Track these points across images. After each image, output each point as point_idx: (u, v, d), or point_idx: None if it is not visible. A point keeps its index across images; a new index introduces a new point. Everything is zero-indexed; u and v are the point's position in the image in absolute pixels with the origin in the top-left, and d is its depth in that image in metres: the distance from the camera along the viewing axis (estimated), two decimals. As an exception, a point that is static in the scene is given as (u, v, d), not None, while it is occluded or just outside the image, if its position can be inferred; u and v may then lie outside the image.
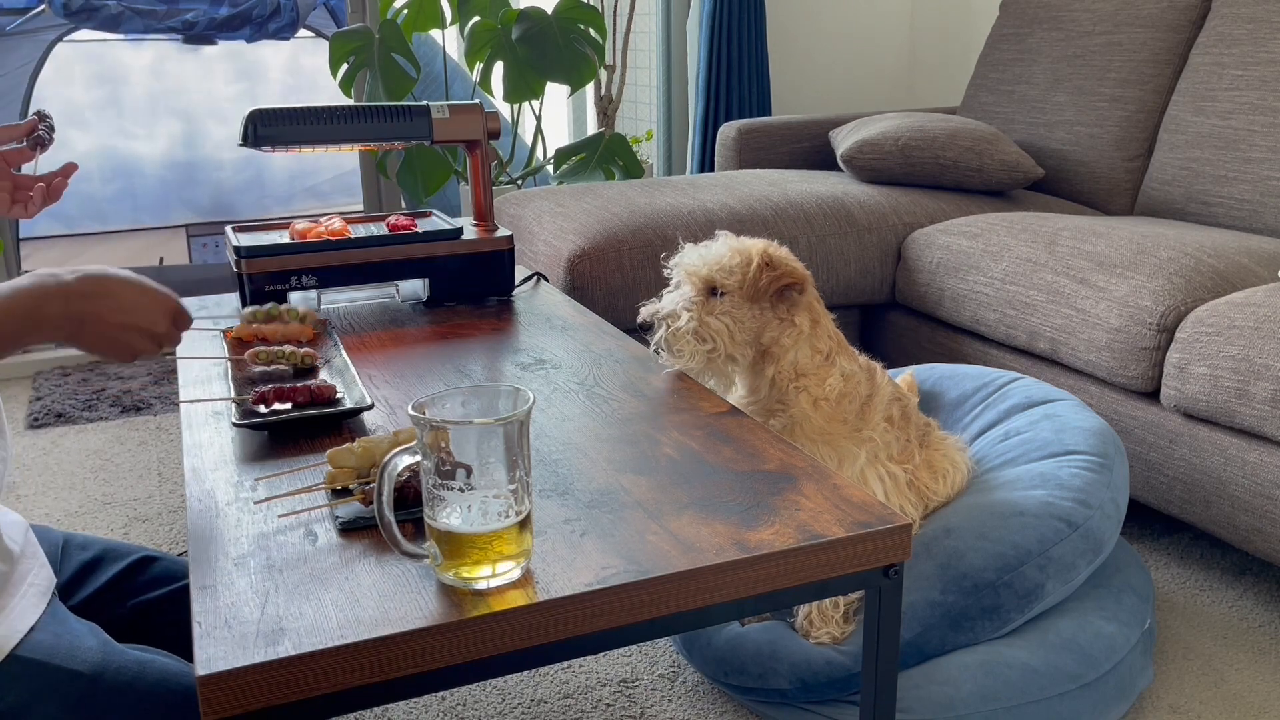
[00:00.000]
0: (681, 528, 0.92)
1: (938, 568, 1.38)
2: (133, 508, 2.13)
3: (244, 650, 0.76)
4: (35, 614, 0.97)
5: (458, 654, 0.80)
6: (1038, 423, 1.62)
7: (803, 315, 1.39)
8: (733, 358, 1.37)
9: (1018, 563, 1.38)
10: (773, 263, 1.36)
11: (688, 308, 1.36)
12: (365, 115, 1.58)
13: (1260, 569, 1.85)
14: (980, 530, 1.41)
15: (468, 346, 1.43)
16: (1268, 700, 1.50)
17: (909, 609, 1.37)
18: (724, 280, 1.36)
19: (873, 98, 3.86)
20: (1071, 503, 1.44)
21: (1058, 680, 1.36)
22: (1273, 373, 1.58)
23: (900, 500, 1.44)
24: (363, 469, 0.98)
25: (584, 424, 1.16)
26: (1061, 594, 1.43)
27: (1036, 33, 2.80)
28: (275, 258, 1.54)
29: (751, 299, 1.36)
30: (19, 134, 1.21)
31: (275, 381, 1.27)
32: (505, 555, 0.83)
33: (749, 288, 1.35)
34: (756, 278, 1.34)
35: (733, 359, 1.37)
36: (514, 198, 2.53)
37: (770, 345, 1.39)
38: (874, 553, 0.93)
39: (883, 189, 2.52)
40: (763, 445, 1.09)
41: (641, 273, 2.16)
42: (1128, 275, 1.87)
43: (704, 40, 3.46)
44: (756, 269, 1.35)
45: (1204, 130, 2.37)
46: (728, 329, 1.35)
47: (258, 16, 3.94)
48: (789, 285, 1.36)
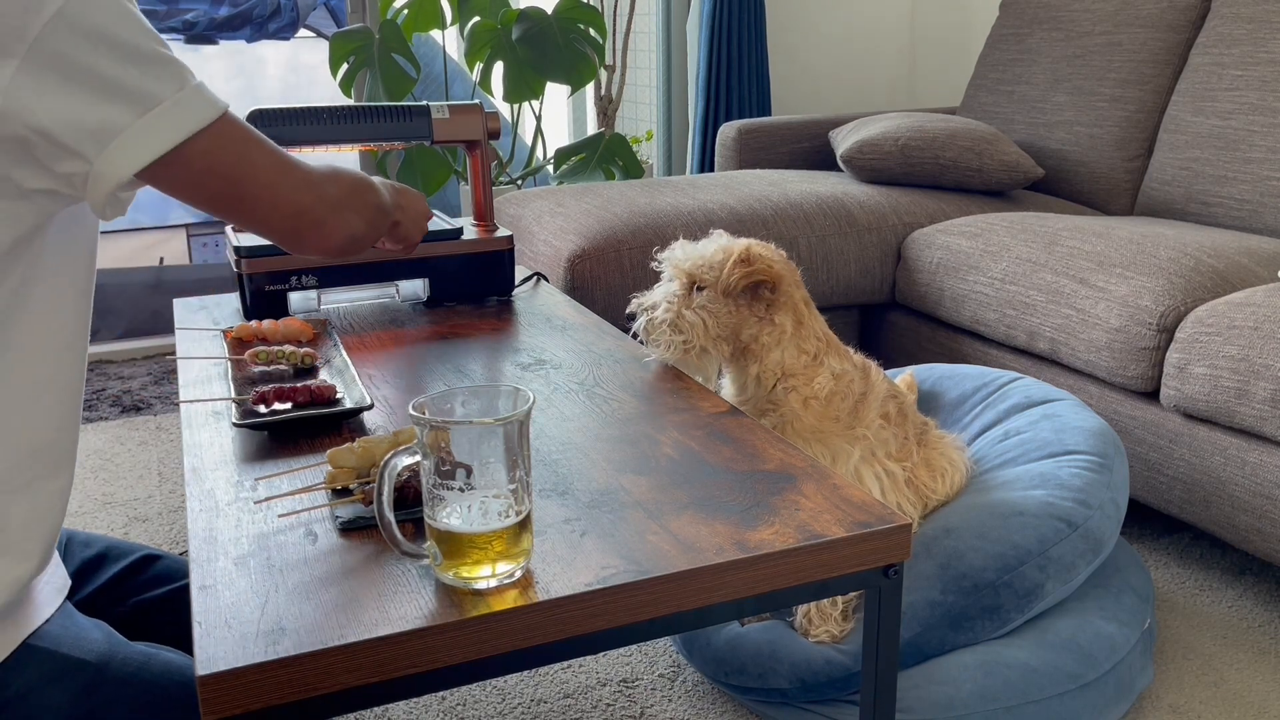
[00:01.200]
0: (681, 528, 0.92)
1: (938, 568, 1.39)
2: (133, 508, 2.13)
3: (244, 650, 0.76)
4: (50, 609, 0.98)
5: (458, 654, 0.80)
6: (1037, 423, 1.62)
7: (784, 315, 1.40)
8: (706, 350, 1.39)
9: (1018, 563, 1.38)
10: (748, 259, 1.37)
11: (669, 300, 1.39)
12: (365, 115, 1.58)
13: (1260, 569, 1.85)
14: (980, 530, 1.41)
15: (468, 346, 1.43)
16: (1268, 700, 1.50)
17: (909, 609, 1.37)
18: (704, 275, 1.39)
19: (873, 98, 3.86)
20: (1071, 503, 1.44)
21: (1058, 680, 1.36)
22: (1272, 373, 1.58)
23: (898, 498, 1.44)
24: (363, 469, 0.98)
25: (584, 424, 1.16)
26: (1061, 594, 1.43)
27: (1036, 33, 2.80)
28: (275, 257, 1.54)
29: (725, 294, 1.37)
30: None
31: (275, 381, 1.27)
32: (505, 555, 0.83)
33: (722, 282, 1.37)
34: (729, 273, 1.36)
35: (706, 351, 1.39)
36: (514, 198, 2.53)
37: (750, 343, 1.40)
38: (874, 553, 0.93)
39: (883, 189, 2.52)
40: (763, 445, 1.09)
41: (641, 273, 2.16)
42: (1128, 275, 1.87)
43: (704, 40, 3.47)
44: (731, 265, 1.36)
45: (1204, 130, 2.37)
46: (703, 322, 1.38)
47: (258, 16, 3.94)
48: (760, 283, 1.37)
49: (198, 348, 1.42)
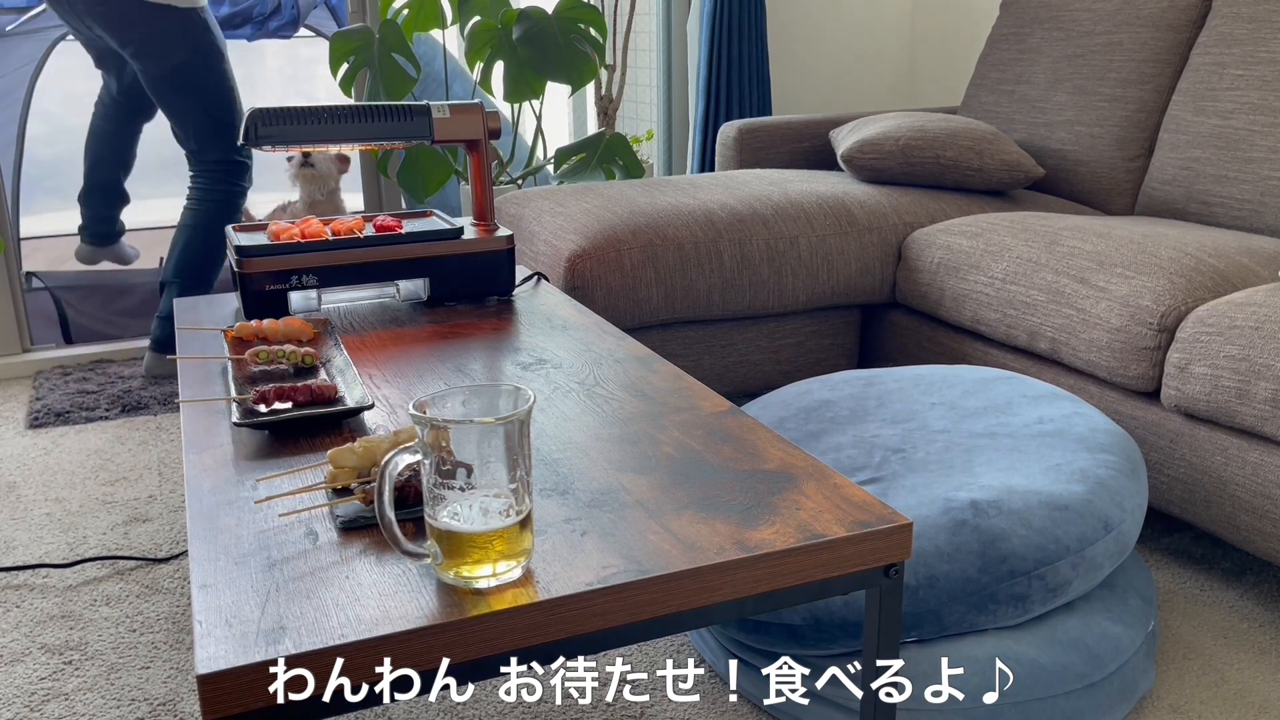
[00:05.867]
0: (682, 527, 0.92)
1: (981, 544, 1.38)
2: (133, 508, 2.13)
3: (244, 650, 0.76)
4: None
5: (458, 654, 0.80)
6: (1069, 416, 1.62)
7: None
8: None
9: (1056, 557, 1.39)
10: None
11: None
12: (365, 115, 1.58)
13: (1261, 569, 1.85)
14: (1027, 518, 1.41)
15: (468, 346, 1.43)
16: (1268, 700, 1.50)
17: (944, 576, 1.36)
18: None
19: (873, 98, 3.86)
20: (1109, 504, 1.45)
21: (1064, 679, 1.36)
22: (1273, 372, 1.58)
23: None
24: (363, 468, 0.98)
25: (584, 423, 1.16)
26: (1079, 593, 1.43)
27: (1037, 32, 2.80)
28: (275, 257, 1.54)
29: None
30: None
31: (275, 381, 1.27)
32: (506, 554, 0.83)
33: None
34: None
35: None
36: (514, 198, 2.53)
37: None
38: (875, 552, 0.93)
39: (883, 189, 2.52)
40: (763, 445, 1.09)
41: (641, 273, 2.16)
42: (1128, 275, 1.87)
43: (704, 40, 3.46)
44: None
45: (1204, 130, 2.37)
46: None
47: (258, 15, 3.94)
48: None
49: (198, 348, 1.42)
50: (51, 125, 4.32)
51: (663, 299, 2.19)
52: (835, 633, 1.37)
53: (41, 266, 3.75)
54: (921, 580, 1.35)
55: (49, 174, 4.40)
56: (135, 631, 1.67)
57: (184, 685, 1.54)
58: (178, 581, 1.82)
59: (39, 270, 3.62)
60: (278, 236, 1.62)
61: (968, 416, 1.68)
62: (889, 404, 1.72)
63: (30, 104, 3.92)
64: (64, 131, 4.27)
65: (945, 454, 1.56)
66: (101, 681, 1.55)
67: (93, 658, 1.61)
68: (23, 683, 1.55)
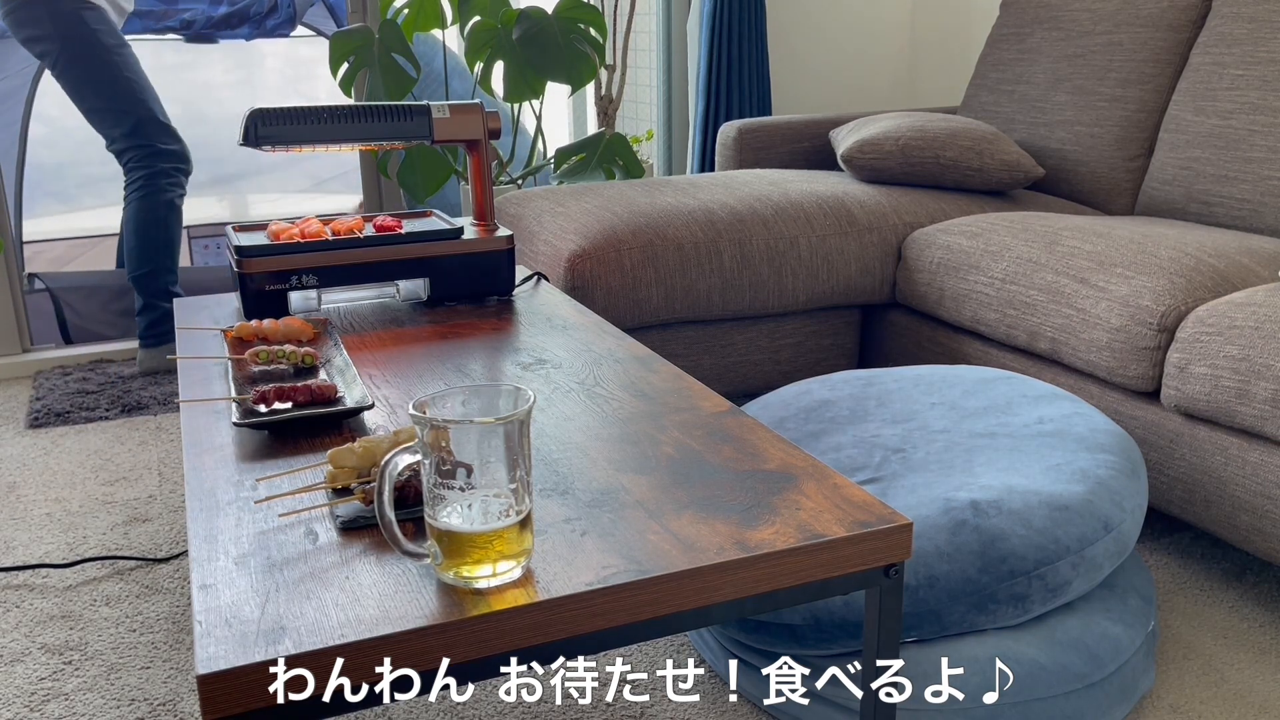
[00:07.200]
0: (682, 527, 0.92)
1: (981, 544, 1.38)
2: (133, 508, 2.13)
3: (244, 650, 0.76)
4: None
5: (458, 654, 0.80)
6: (1069, 416, 1.62)
7: None
8: None
9: (1056, 557, 1.39)
10: None
11: None
12: (365, 115, 1.58)
13: (1260, 569, 1.85)
14: (1027, 518, 1.41)
15: (468, 346, 1.43)
16: (1269, 700, 1.50)
17: (944, 576, 1.36)
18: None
19: (873, 98, 3.86)
20: (1110, 505, 1.45)
21: (1065, 679, 1.36)
22: (1273, 372, 1.58)
23: None
24: (363, 468, 0.98)
25: (584, 423, 1.16)
26: (1079, 593, 1.43)
27: (1037, 32, 2.80)
28: (275, 257, 1.54)
29: None
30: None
31: (275, 381, 1.27)
32: (506, 554, 0.83)
33: None
34: None
35: None
36: (514, 198, 2.53)
37: None
38: (875, 552, 0.93)
39: (883, 189, 2.52)
40: (763, 445, 1.09)
41: (641, 273, 2.16)
42: (1128, 275, 1.87)
43: (704, 40, 3.46)
44: None
45: (1204, 130, 2.37)
46: None
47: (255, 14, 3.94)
48: None
49: (198, 348, 1.42)
50: (53, 128, 4.32)
51: (663, 299, 2.19)
52: (835, 633, 1.37)
53: (42, 268, 3.76)
54: (921, 580, 1.35)
55: (51, 177, 4.40)
56: (135, 631, 1.67)
57: (184, 685, 1.54)
58: (178, 581, 1.82)
59: (39, 271, 3.63)
60: (277, 236, 1.62)
61: (968, 416, 1.67)
62: (889, 404, 1.72)
63: (32, 107, 3.92)
64: (65, 134, 4.27)
65: (945, 454, 1.56)
66: (101, 681, 1.55)
67: (93, 658, 1.61)
68: (23, 683, 1.55)
